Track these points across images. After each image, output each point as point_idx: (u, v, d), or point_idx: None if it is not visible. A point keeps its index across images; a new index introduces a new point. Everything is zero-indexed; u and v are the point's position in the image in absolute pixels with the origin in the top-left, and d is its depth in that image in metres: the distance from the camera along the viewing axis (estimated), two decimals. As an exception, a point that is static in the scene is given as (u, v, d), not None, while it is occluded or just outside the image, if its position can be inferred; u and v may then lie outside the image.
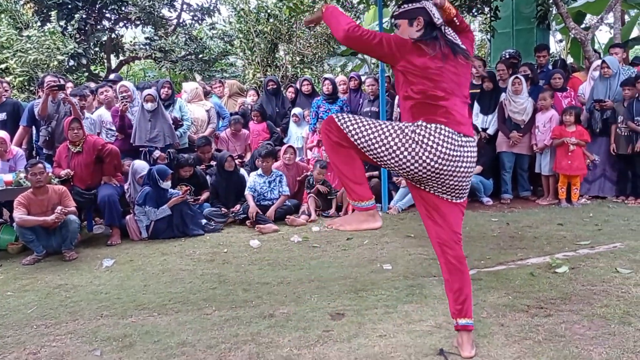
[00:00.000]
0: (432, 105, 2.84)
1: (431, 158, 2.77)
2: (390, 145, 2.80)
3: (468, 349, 3.02)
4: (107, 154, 6.49)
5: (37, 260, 5.68)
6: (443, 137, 2.78)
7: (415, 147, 2.78)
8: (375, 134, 2.82)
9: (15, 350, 3.46)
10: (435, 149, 2.77)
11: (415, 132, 2.80)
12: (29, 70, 11.25)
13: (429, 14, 2.93)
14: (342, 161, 2.93)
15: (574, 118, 7.15)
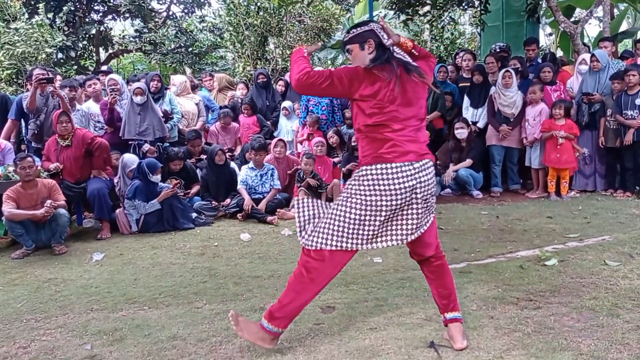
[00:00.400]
0: (378, 140, 2.88)
1: (387, 199, 2.85)
2: (353, 217, 2.89)
3: (460, 340, 3.05)
4: (96, 148, 6.45)
5: (27, 254, 5.65)
6: (388, 176, 2.84)
7: (369, 200, 2.86)
8: (350, 224, 2.90)
9: (5, 345, 3.44)
10: (385, 190, 2.84)
11: (360, 191, 2.88)
12: (17, 63, 11.13)
13: (378, 36, 2.95)
14: (300, 290, 3.00)
15: (563, 111, 7.18)
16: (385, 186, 2.83)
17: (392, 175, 2.84)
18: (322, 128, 8.37)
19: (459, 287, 4.00)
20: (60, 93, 6.67)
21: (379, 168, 2.85)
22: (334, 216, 2.94)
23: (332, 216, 2.94)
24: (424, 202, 2.94)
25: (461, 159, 7.67)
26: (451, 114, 8.40)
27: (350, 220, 2.89)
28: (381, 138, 2.87)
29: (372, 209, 2.86)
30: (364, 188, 2.87)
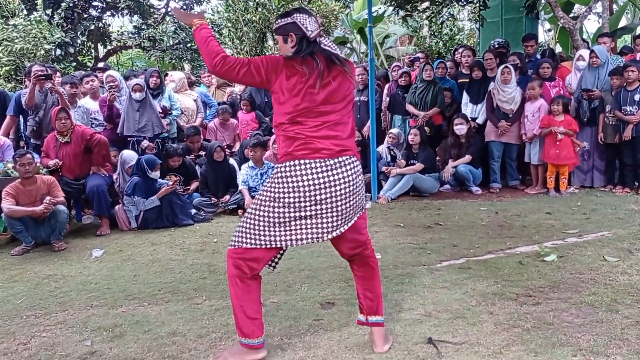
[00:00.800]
0: (290, 138, 2.81)
1: (295, 196, 2.78)
2: (271, 215, 2.81)
3: (381, 345, 3.03)
4: (95, 144, 6.44)
5: (26, 251, 5.65)
6: (296, 173, 2.78)
7: (278, 197, 2.80)
8: (261, 222, 2.83)
9: (5, 341, 3.45)
10: (294, 187, 2.77)
11: (270, 189, 2.83)
12: (16, 60, 11.13)
13: (301, 29, 2.82)
14: (238, 293, 2.91)
15: (561, 107, 7.18)
16: (293, 183, 2.77)
17: (300, 172, 2.77)
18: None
19: (458, 283, 4.03)
20: (59, 89, 6.66)
21: (288, 165, 2.79)
22: (249, 215, 2.87)
23: (248, 215, 2.88)
24: (347, 200, 2.85)
25: (460, 155, 7.67)
26: (450, 110, 8.39)
27: (261, 218, 2.83)
28: (293, 136, 2.80)
29: (281, 206, 2.80)
30: (274, 186, 2.82)
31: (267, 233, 2.83)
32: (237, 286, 2.89)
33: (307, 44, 2.82)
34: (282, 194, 2.79)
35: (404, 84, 8.55)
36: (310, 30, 2.83)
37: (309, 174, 2.76)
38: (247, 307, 2.92)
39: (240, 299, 2.91)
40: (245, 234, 2.86)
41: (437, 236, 5.47)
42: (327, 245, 5.27)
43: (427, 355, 2.94)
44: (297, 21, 2.83)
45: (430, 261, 4.65)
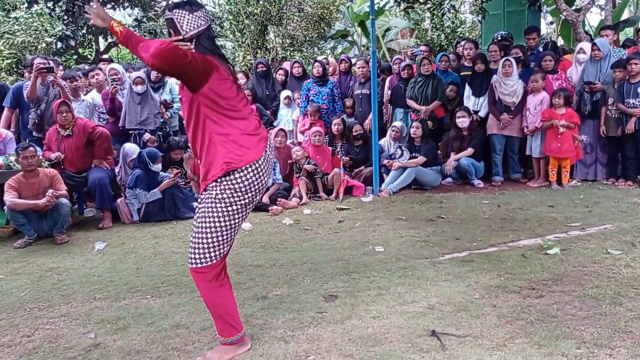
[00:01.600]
0: (241, 138, 2.78)
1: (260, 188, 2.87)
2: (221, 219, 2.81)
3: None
4: (97, 137, 6.43)
5: (29, 244, 5.66)
6: (261, 170, 2.82)
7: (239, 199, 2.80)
8: (220, 234, 2.83)
9: (9, 333, 3.45)
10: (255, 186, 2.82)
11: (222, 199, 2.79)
12: (17, 53, 11.11)
13: (176, 26, 2.78)
14: (219, 296, 2.93)
15: (563, 100, 7.16)
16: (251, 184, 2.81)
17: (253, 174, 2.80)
18: (322, 117, 8.35)
19: (461, 276, 4.04)
20: (61, 82, 6.66)
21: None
22: (212, 228, 2.84)
23: (210, 229, 2.84)
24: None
25: (462, 148, 7.66)
26: (453, 103, 8.37)
27: (225, 227, 2.85)
28: (224, 134, 2.77)
29: (236, 213, 2.82)
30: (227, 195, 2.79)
31: (228, 240, 2.87)
32: (217, 293, 2.92)
33: (185, 42, 2.77)
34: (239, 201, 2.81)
35: (406, 76, 8.52)
36: (184, 29, 2.77)
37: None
38: (229, 306, 2.97)
39: (222, 302, 2.94)
40: (221, 245, 2.86)
41: (439, 229, 5.46)
42: (329, 239, 5.32)
43: (431, 348, 2.94)
44: (175, 19, 2.78)
45: (433, 254, 4.65)
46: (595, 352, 2.80)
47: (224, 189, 2.77)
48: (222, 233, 2.82)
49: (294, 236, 5.52)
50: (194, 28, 2.77)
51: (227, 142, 2.76)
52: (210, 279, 2.87)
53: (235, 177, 2.76)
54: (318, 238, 5.42)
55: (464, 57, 8.66)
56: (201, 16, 2.79)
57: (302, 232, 5.66)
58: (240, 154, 2.76)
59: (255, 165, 2.79)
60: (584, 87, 7.40)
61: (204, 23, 2.80)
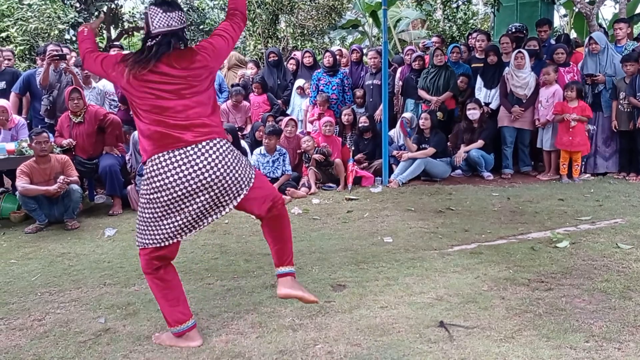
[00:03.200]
0: (146, 138, 2.82)
1: (173, 185, 2.75)
2: (154, 211, 2.83)
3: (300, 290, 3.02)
4: (108, 124, 6.46)
5: (40, 229, 5.71)
6: (163, 167, 2.75)
7: (161, 189, 2.76)
8: (149, 219, 2.85)
9: (21, 317, 3.49)
10: (168, 178, 2.74)
11: (149, 185, 2.81)
12: (30, 39, 11.15)
13: (147, 20, 2.85)
14: (154, 287, 2.99)
15: (575, 93, 7.12)
16: (162, 177, 2.76)
17: (163, 166, 2.76)
18: (332, 107, 8.34)
19: (470, 267, 4.03)
20: (73, 70, 6.68)
21: (151, 164, 2.80)
22: (140, 216, 2.92)
23: (139, 216, 2.93)
24: (229, 179, 2.81)
25: (472, 140, 7.64)
26: (464, 95, 8.33)
27: (148, 218, 2.88)
28: (147, 137, 2.81)
29: (158, 204, 2.81)
30: (151, 184, 2.82)
31: (159, 232, 2.86)
32: (154, 281, 2.98)
33: (148, 39, 2.83)
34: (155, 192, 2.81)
35: (417, 67, 8.49)
36: (153, 26, 2.81)
37: (171, 166, 2.77)
38: (170, 297, 2.99)
39: (161, 292, 2.98)
40: (144, 234, 2.90)
41: (448, 221, 5.46)
42: (337, 229, 5.32)
43: (439, 339, 2.94)
44: (148, 14, 2.84)
45: (442, 245, 4.65)
46: (604, 346, 2.80)
47: (144, 181, 2.88)
48: (139, 221, 2.92)
49: (302, 225, 5.53)
50: (163, 27, 2.81)
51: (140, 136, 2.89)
52: (143, 264, 2.97)
53: (146, 169, 2.85)
54: (327, 228, 5.43)
55: (476, 48, 8.61)
56: (174, 17, 2.83)
57: (311, 222, 5.67)
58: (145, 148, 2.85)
59: (155, 161, 2.78)
60: (586, 79, 7.39)
61: (176, 25, 2.83)
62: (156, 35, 2.82)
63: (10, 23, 11.22)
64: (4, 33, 11.25)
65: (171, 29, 2.82)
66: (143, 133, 2.83)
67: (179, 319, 2.99)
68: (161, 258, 2.95)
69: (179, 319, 2.99)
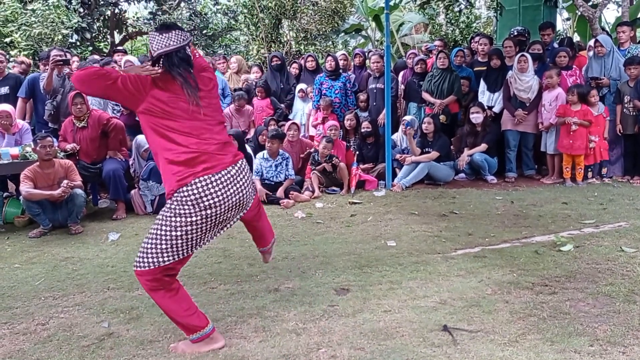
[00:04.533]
0: (187, 160, 2.81)
1: (220, 204, 2.85)
2: (179, 234, 2.82)
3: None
4: (112, 129, 6.48)
5: (44, 234, 5.72)
6: (213, 187, 2.82)
7: (200, 213, 2.82)
8: (178, 237, 2.82)
9: (24, 321, 3.50)
10: (216, 198, 2.82)
11: (183, 205, 2.80)
12: (34, 44, 11.19)
13: (149, 47, 2.91)
14: (167, 302, 2.92)
15: (577, 97, 7.11)
16: (207, 199, 2.82)
17: (207, 189, 2.81)
18: (335, 111, 8.35)
19: (474, 271, 4.03)
20: (77, 74, 6.69)
21: (193, 187, 2.80)
22: (161, 234, 2.85)
23: (159, 235, 2.86)
24: (251, 195, 3.07)
25: (476, 144, 7.63)
26: (467, 98, 8.33)
27: (177, 235, 2.86)
28: (186, 160, 2.82)
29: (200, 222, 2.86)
30: (187, 207, 2.82)
31: (184, 247, 2.87)
32: (165, 298, 2.92)
33: (154, 60, 2.90)
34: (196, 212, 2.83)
35: (419, 71, 8.50)
36: (154, 49, 2.88)
37: (215, 188, 2.84)
38: (184, 306, 2.96)
39: (176, 303, 2.94)
40: (161, 254, 2.84)
41: (452, 224, 5.45)
42: (341, 232, 5.32)
43: (443, 343, 2.94)
44: (149, 40, 2.93)
45: (445, 249, 4.64)
46: (608, 350, 2.79)
47: (173, 200, 2.83)
48: (162, 241, 2.83)
49: (306, 229, 5.53)
50: (162, 47, 2.85)
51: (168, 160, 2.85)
52: (150, 283, 2.89)
53: (183, 191, 2.79)
54: (330, 232, 5.42)
55: (478, 52, 8.61)
56: (172, 37, 2.87)
57: (314, 226, 5.67)
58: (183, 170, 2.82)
59: (203, 182, 2.81)
60: (590, 82, 7.38)
61: (174, 44, 2.86)
62: (158, 58, 2.88)
63: (14, 28, 11.28)
64: (8, 38, 11.29)
65: (169, 49, 2.85)
66: (179, 156, 2.81)
67: (197, 324, 2.97)
68: (173, 272, 2.94)
69: (197, 325, 2.97)
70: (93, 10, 14.03)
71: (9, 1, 11.78)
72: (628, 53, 7.58)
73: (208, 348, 2.98)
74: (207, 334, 2.99)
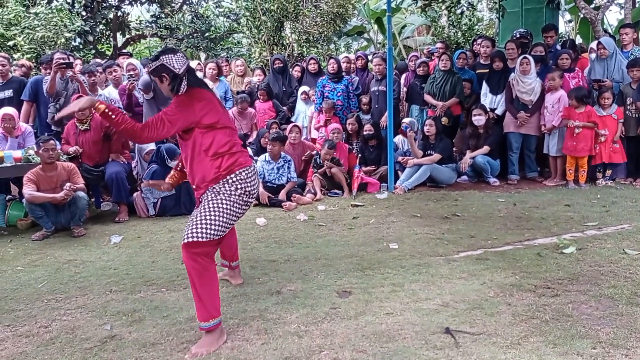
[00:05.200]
0: (237, 152, 3.25)
1: (254, 191, 3.33)
2: (229, 210, 3.18)
3: (238, 279, 4.06)
4: (114, 132, 6.48)
5: (46, 236, 5.73)
6: (252, 176, 3.30)
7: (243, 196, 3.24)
8: (222, 216, 3.14)
9: (27, 324, 3.50)
10: (253, 185, 3.30)
11: (237, 187, 3.21)
12: (37, 48, 11.22)
13: (169, 68, 3.15)
14: (205, 279, 3.08)
15: (575, 102, 7.08)
16: (247, 183, 3.26)
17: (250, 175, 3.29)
18: (337, 114, 8.35)
19: (476, 273, 4.02)
20: (79, 78, 6.71)
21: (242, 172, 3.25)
22: (218, 210, 3.15)
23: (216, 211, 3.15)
24: None
25: (478, 146, 7.63)
26: (469, 101, 8.33)
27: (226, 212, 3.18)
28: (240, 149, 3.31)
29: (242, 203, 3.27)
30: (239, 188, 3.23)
31: (226, 224, 3.17)
32: (204, 275, 3.08)
33: (180, 79, 3.18)
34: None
35: (422, 73, 8.50)
36: (177, 67, 3.17)
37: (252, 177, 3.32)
38: (213, 291, 3.13)
39: (208, 285, 3.09)
40: (222, 226, 3.14)
41: (454, 227, 5.45)
42: (343, 235, 5.32)
43: (445, 345, 2.94)
44: (165, 63, 3.16)
45: (448, 252, 4.64)
46: (611, 352, 2.78)
47: (223, 184, 3.21)
48: (225, 214, 3.15)
49: (308, 232, 5.53)
50: (183, 64, 3.18)
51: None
52: (205, 254, 3.09)
53: (236, 175, 3.22)
54: (332, 234, 5.42)
55: (481, 54, 8.61)
56: (182, 56, 3.23)
57: (316, 228, 5.67)
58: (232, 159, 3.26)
59: (247, 171, 3.28)
60: (593, 84, 7.37)
61: (186, 60, 3.24)
62: (183, 75, 3.18)
63: (17, 32, 11.32)
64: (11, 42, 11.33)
65: (187, 65, 3.21)
66: (232, 147, 3.23)
67: (217, 310, 3.11)
68: (214, 251, 3.21)
69: (216, 311, 3.10)
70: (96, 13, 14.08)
71: (12, 5, 11.83)
72: (631, 55, 7.57)
73: (221, 342, 3.08)
74: (219, 323, 3.10)
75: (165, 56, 3.16)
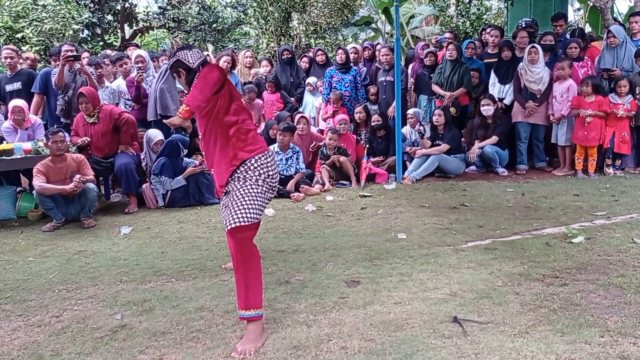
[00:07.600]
0: (256, 137, 3.28)
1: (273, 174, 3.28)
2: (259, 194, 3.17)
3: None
4: (123, 123, 6.52)
5: (57, 227, 5.78)
6: (271, 160, 3.28)
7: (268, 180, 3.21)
8: (256, 199, 3.14)
9: (39, 313, 3.54)
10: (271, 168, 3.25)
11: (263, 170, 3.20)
12: (45, 40, 11.26)
13: (184, 63, 3.23)
14: (252, 265, 3.06)
15: (591, 88, 7.06)
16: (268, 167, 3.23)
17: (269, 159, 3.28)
18: (345, 104, 8.34)
19: (484, 263, 4.03)
20: (87, 70, 6.74)
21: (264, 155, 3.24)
22: (251, 194, 3.14)
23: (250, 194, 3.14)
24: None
25: (487, 136, 7.61)
26: (477, 90, 8.30)
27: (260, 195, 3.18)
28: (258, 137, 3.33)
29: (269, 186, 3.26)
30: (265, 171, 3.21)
31: (262, 206, 3.18)
32: (252, 260, 3.06)
33: (195, 73, 3.23)
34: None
35: (429, 63, 8.47)
36: (191, 62, 3.25)
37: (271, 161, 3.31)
38: (258, 279, 3.09)
39: (255, 272, 3.06)
40: (257, 209, 3.12)
41: (462, 217, 5.45)
42: (351, 225, 5.33)
43: (453, 334, 2.95)
44: (180, 58, 3.26)
45: (456, 241, 4.64)
46: (619, 341, 2.78)
47: (248, 168, 3.18)
48: (258, 198, 3.14)
49: (316, 222, 5.55)
50: (198, 59, 3.27)
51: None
52: (249, 238, 3.08)
53: (256, 159, 3.21)
54: (340, 224, 5.44)
55: (489, 44, 8.56)
56: (197, 51, 3.33)
57: (325, 219, 5.68)
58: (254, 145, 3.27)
59: (266, 154, 3.27)
60: (602, 74, 7.32)
61: (202, 55, 3.32)
62: (199, 67, 3.23)
63: (25, 24, 11.36)
64: (19, 34, 11.37)
65: (203, 59, 3.28)
66: (251, 132, 3.24)
67: (260, 300, 3.07)
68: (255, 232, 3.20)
69: (258, 302, 3.05)
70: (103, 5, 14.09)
71: (20, -3, 11.87)
72: (640, 44, 7.53)
73: (263, 339, 3.01)
74: (261, 315, 3.06)
75: (181, 52, 3.27)
